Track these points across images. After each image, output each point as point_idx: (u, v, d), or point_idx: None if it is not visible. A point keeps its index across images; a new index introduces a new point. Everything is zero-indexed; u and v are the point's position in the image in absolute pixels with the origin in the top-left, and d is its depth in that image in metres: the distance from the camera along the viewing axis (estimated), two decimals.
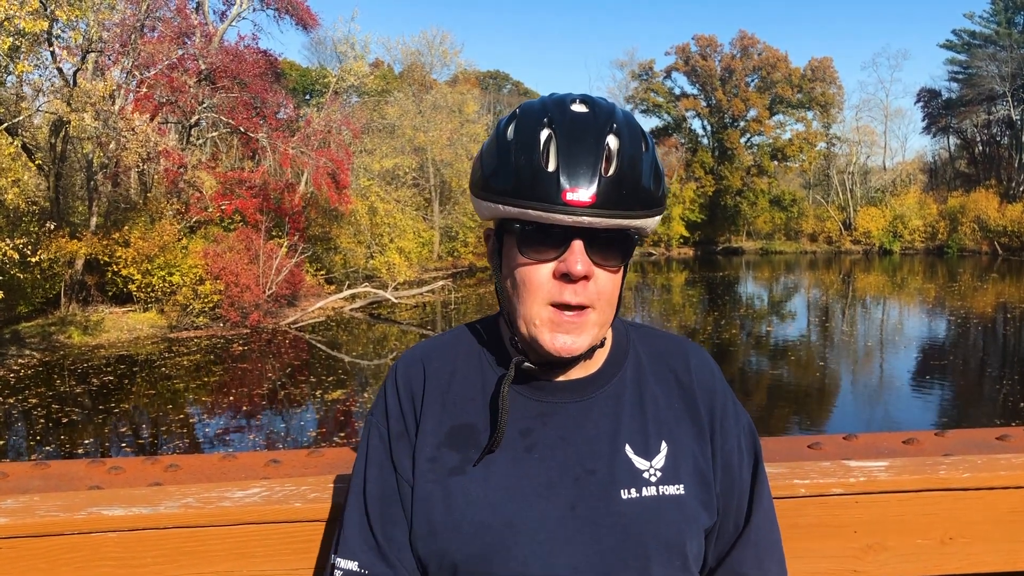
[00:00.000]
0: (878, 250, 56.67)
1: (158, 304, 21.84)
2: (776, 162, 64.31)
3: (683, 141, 65.68)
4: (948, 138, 65.55)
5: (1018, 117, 55.82)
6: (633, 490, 1.13)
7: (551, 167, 1.06)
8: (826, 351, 19.92)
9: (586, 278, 1.09)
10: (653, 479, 1.14)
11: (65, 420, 13.06)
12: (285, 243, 25.51)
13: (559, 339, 1.10)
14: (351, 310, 26.31)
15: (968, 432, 1.77)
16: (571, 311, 1.10)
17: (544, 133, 1.08)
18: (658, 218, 1.14)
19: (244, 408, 14.04)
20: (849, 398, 15.03)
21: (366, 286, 28.14)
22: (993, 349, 20.35)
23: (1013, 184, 55.39)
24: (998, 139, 60.64)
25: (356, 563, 1.17)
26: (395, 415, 1.21)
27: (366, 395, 14.81)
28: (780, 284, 40.74)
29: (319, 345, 20.55)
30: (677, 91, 67.32)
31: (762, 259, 57.41)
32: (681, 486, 1.16)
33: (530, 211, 1.07)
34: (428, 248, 39.77)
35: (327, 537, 1.33)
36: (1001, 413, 13.08)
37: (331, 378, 16.28)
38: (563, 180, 1.05)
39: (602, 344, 1.19)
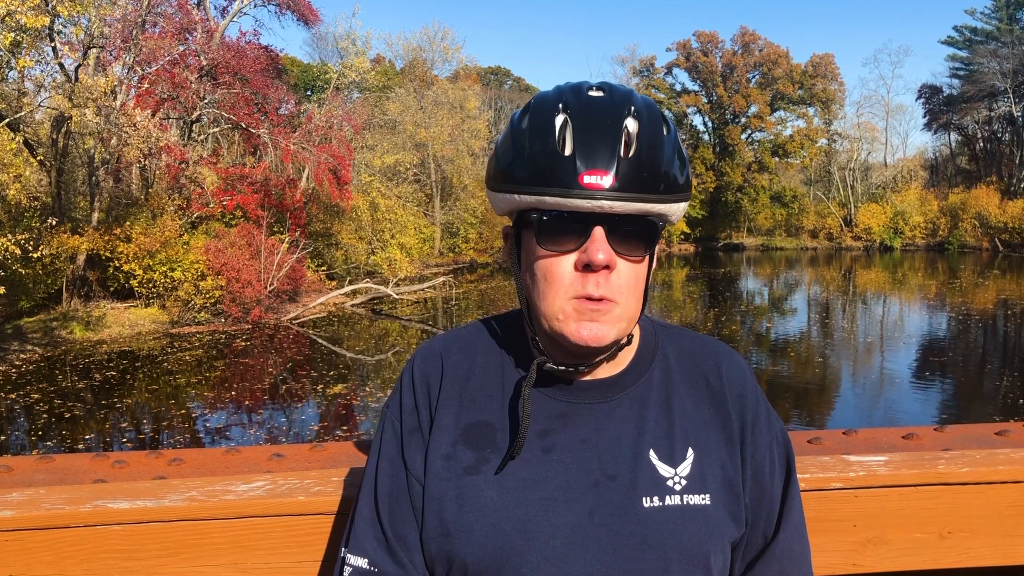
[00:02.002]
0: (879, 246, 56.59)
1: (160, 300, 21.86)
2: (777, 158, 64.22)
3: (684, 137, 65.37)
4: (949, 134, 65.47)
5: (1019, 113, 55.69)
6: (656, 498, 1.08)
7: (567, 151, 1.03)
8: (826, 347, 19.92)
9: (608, 268, 1.05)
10: (678, 487, 1.10)
11: (67, 415, 13.08)
12: (286, 239, 25.51)
13: (585, 328, 1.06)
14: (352, 306, 26.32)
15: (967, 427, 1.77)
16: (595, 301, 1.06)
17: (559, 119, 1.05)
18: (683, 205, 1.10)
19: (246, 403, 14.06)
20: (849, 394, 15.03)
21: (367, 282, 28.14)
22: (993, 345, 20.34)
23: (1014, 181, 55.30)
24: (999, 136, 60.53)
25: (366, 560, 1.13)
26: (408, 410, 1.17)
27: (367, 389, 14.83)
28: (781, 280, 40.72)
29: (320, 340, 20.57)
30: (678, 87, 67.34)
31: (763, 255, 57.36)
32: (707, 496, 1.11)
33: (547, 197, 1.03)
34: (429, 244, 39.77)
35: (331, 530, 1.34)
36: (1001, 409, 13.09)
37: (332, 373, 16.30)
38: (580, 163, 1.01)
39: (628, 341, 1.15)
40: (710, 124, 66.26)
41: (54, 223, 19.01)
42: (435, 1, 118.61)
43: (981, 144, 62.21)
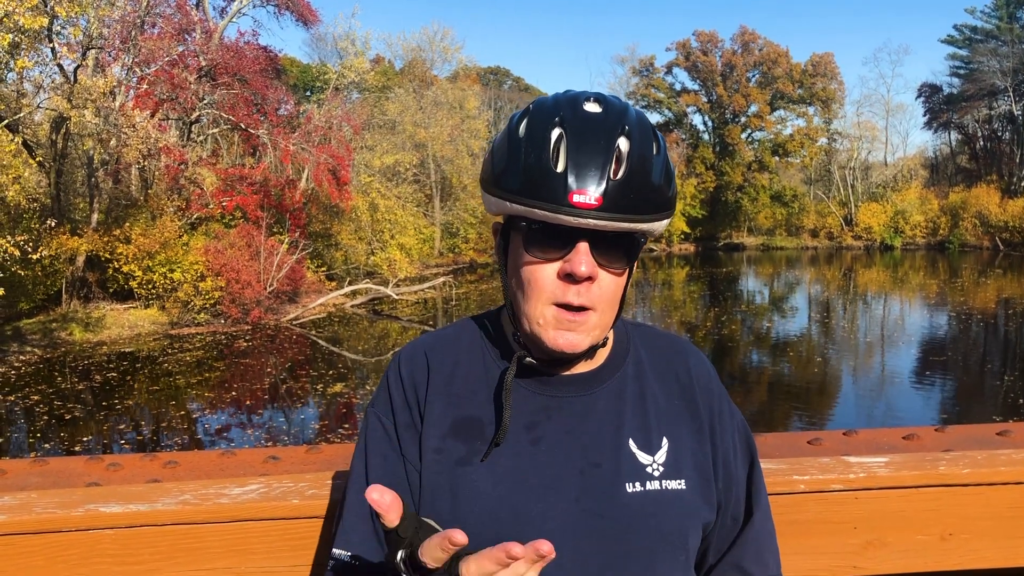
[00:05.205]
0: (879, 246, 56.55)
1: (159, 301, 21.86)
2: (777, 158, 64.16)
3: (684, 137, 65.52)
4: (949, 133, 65.44)
5: (1019, 112, 55.67)
6: (638, 484, 1.14)
7: (560, 167, 1.06)
8: (827, 347, 19.91)
9: (590, 279, 1.10)
10: (656, 473, 1.16)
11: (67, 417, 13.09)
12: (286, 239, 25.51)
13: (562, 337, 1.12)
14: (352, 307, 26.31)
15: (968, 428, 1.76)
16: (574, 311, 1.11)
17: (555, 132, 1.08)
18: (666, 221, 1.14)
19: (246, 403, 14.06)
20: (849, 394, 15.02)
21: (367, 283, 28.14)
22: (994, 345, 20.33)
23: (1014, 179, 55.27)
24: (999, 134, 60.51)
25: (350, 553, 1.18)
26: (400, 406, 1.22)
27: (367, 388, 14.83)
28: (781, 280, 40.72)
29: (320, 341, 20.56)
30: (678, 87, 67.23)
31: (763, 255, 57.34)
32: (683, 481, 1.17)
33: (537, 211, 1.07)
34: (429, 244, 39.77)
35: (325, 534, 1.33)
36: (1002, 409, 13.08)
37: (332, 373, 16.30)
38: (571, 181, 1.05)
39: (604, 343, 1.20)
40: (710, 123, 66.20)
41: (53, 224, 19.01)
42: (435, 1, 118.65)
43: (981, 143, 62.19)
